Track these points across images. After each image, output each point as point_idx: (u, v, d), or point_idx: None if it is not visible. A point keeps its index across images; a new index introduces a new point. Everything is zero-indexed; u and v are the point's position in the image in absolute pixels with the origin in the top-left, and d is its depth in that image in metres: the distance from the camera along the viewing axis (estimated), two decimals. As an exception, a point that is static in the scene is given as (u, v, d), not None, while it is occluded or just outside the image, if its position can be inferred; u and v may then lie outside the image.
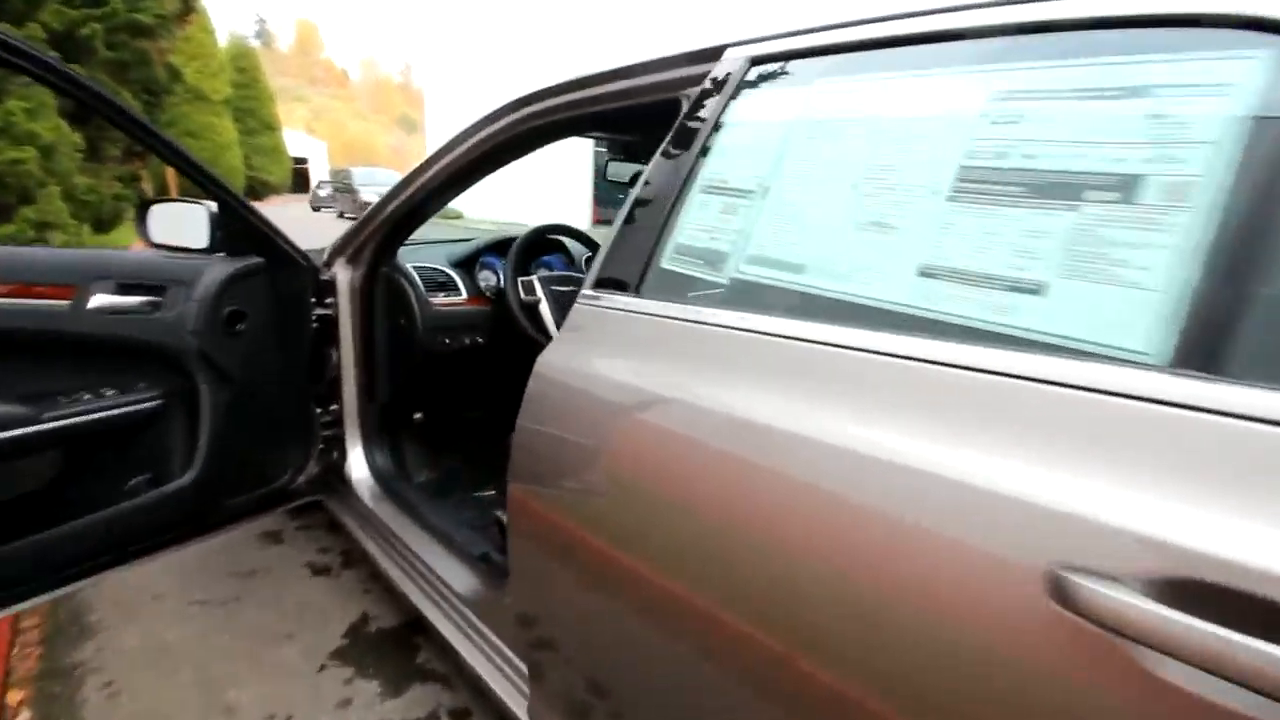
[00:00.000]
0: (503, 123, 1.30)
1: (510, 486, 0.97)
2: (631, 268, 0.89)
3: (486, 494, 1.90)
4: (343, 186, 17.34)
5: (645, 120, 1.18)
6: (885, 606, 0.54)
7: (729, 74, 0.88)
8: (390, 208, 1.59)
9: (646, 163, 1.84)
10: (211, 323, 1.39)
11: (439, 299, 1.74)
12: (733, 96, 0.87)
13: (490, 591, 1.30)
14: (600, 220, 16.08)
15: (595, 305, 0.91)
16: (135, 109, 1.23)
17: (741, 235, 0.77)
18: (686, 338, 0.78)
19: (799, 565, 0.60)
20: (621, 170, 1.82)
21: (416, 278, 1.70)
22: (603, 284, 0.92)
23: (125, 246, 7.44)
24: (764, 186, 0.78)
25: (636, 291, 0.87)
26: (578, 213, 15.34)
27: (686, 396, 0.73)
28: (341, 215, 16.89)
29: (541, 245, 1.83)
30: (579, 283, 1.88)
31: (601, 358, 0.86)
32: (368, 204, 15.25)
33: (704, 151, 0.86)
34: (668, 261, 0.85)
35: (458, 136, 1.41)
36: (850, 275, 0.67)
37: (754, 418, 0.66)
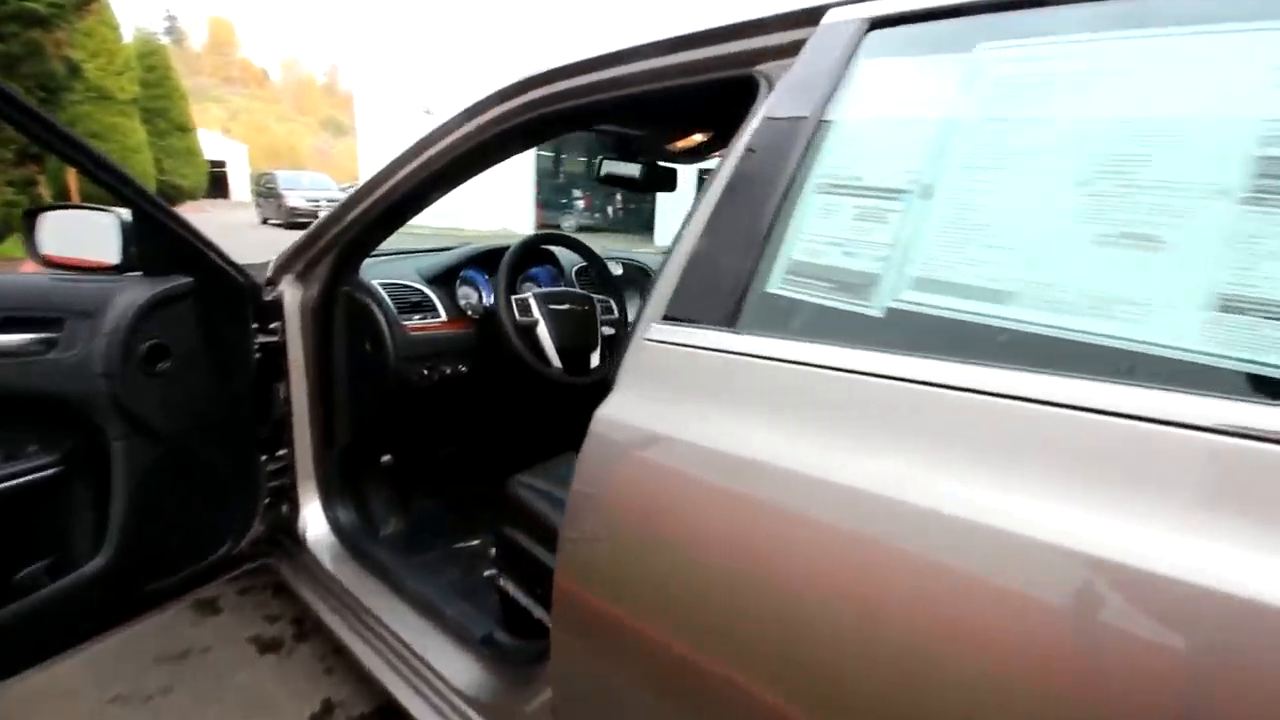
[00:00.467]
0: (499, 111, 1.06)
1: (559, 575, 0.74)
2: (719, 294, 0.67)
3: (470, 544, 1.64)
4: (266, 191, 16.36)
5: (693, 105, 0.97)
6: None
7: (838, 42, 0.68)
8: (351, 215, 1.32)
9: (651, 159, 1.64)
10: (126, 362, 1.09)
11: (414, 321, 1.47)
12: (847, 70, 0.67)
13: (501, 686, 1.06)
14: (546, 225, 15.75)
15: (670, 344, 0.69)
16: (30, 101, 0.93)
17: (897, 249, 0.57)
18: (821, 389, 0.57)
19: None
20: (618, 169, 1.59)
21: (386, 297, 1.43)
22: (676, 317, 0.70)
23: (17, 261, 6.69)
24: (924, 185, 0.58)
25: (730, 325, 0.65)
26: (519, 217, 14.97)
27: (836, 475, 0.53)
28: (265, 221, 15.94)
29: (529, 256, 1.58)
30: (576, 299, 1.67)
31: (692, 416, 0.64)
32: (295, 209, 14.61)
33: (815, 141, 0.66)
34: (777, 285, 0.64)
35: (439, 130, 1.16)
36: (1090, 307, 0.47)
37: (949, 510, 0.47)
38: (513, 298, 1.44)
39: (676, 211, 13.21)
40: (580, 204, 17.11)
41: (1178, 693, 0.38)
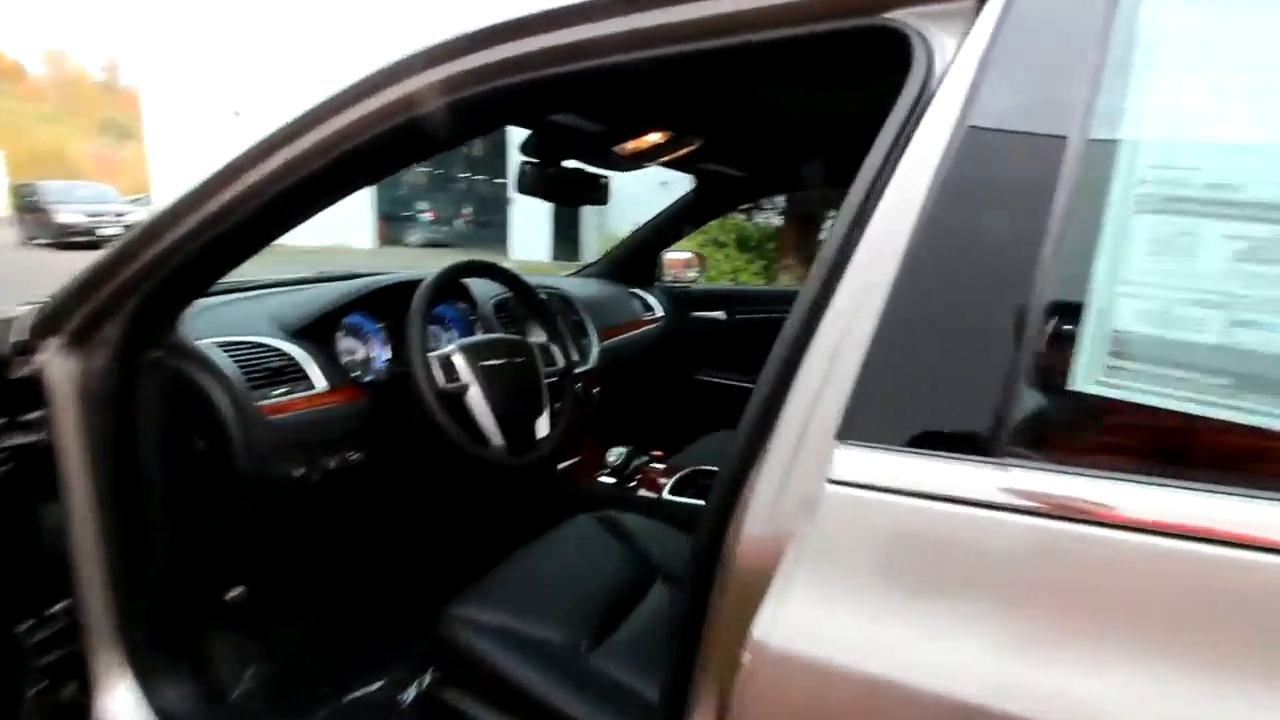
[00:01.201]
0: (428, 80, 0.69)
1: None
2: (954, 396, 0.37)
3: (371, 691, 1.18)
4: (28, 205, 13.53)
5: (741, 77, 0.68)
6: None
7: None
8: (164, 242, 0.85)
9: (599, 161, 1.29)
10: None
11: (276, 398, 1.00)
12: (1117, 17, 0.40)
13: None
14: (389, 240, 14.45)
15: (872, 491, 0.37)
16: None
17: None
18: (1243, 588, 0.29)
19: None
20: (548, 176, 1.22)
21: (227, 364, 0.96)
22: (869, 439, 0.39)
23: None
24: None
25: (989, 451, 0.35)
26: (358, 231, 13.73)
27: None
28: (31, 240, 13.21)
29: (441, 294, 1.16)
30: (510, 349, 1.25)
31: (942, 639, 0.33)
32: (68, 226, 12.29)
33: (1105, 129, 0.38)
34: (1095, 378, 0.35)
35: (315, 111, 0.75)
36: None
37: None
38: (431, 355, 1.04)
39: (532, 222, 12.75)
40: (427, 216, 16.00)
41: None
